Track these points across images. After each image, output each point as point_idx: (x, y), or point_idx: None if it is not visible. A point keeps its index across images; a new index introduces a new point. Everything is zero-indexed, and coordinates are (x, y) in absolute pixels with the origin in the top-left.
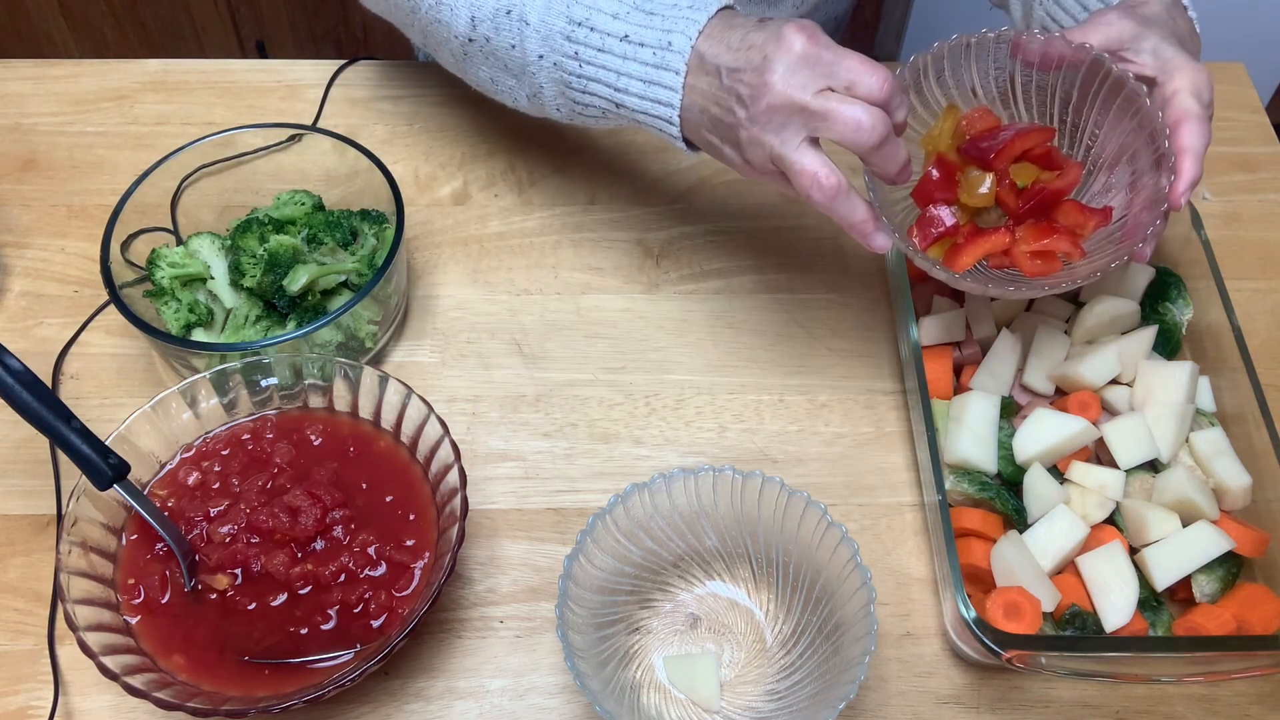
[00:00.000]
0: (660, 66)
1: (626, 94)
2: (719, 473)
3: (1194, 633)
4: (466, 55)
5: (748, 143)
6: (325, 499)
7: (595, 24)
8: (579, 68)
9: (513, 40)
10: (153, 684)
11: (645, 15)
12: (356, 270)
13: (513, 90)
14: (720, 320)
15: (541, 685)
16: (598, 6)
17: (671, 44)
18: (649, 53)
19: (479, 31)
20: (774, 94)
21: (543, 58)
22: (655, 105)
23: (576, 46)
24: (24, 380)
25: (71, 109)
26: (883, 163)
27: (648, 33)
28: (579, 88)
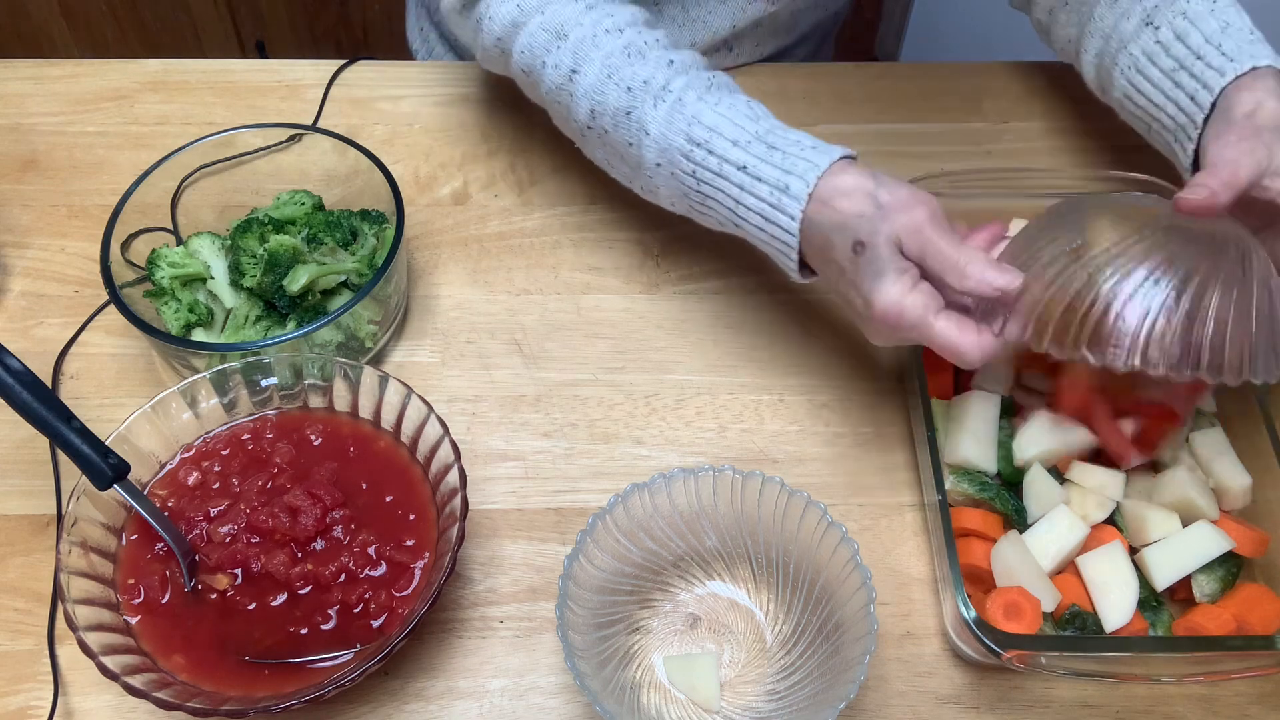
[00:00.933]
0: (776, 208)
1: (746, 222)
2: (719, 473)
3: (1194, 633)
4: (584, 138)
5: (866, 319)
6: (325, 499)
7: (714, 148)
8: (696, 185)
9: (630, 140)
10: (153, 684)
11: (765, 148)
12: (356, 270)
13: (626, 178)
14: (720, 320)
15: (541, 685)
16: (719, 130)
17: (789, 188)
18: (766, 189)
19: (598, 123)
20: (878, 335)
21: (660, 166)
22: (773, 240)
23: (694, 166)
24: (24, 380)
25: (71, 109)
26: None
27: (767, 169)
28: (697, 200)
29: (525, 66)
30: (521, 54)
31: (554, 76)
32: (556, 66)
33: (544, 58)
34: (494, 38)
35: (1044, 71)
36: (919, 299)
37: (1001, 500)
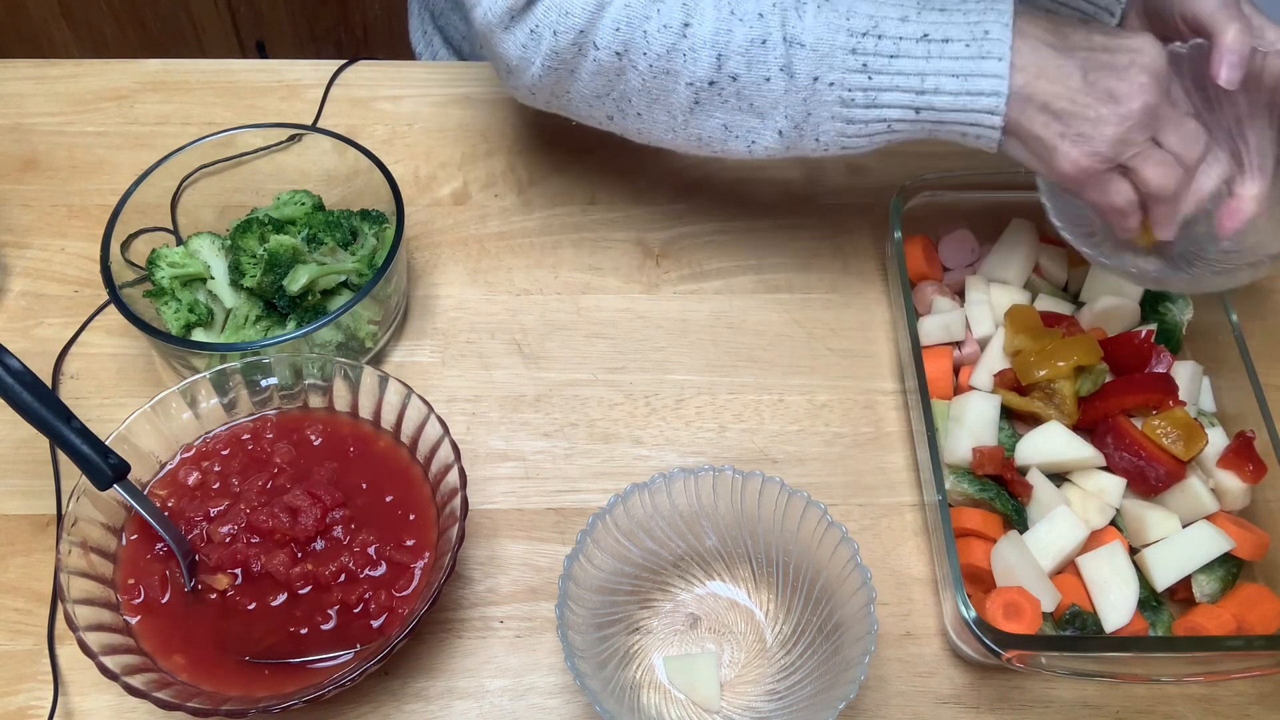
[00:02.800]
0: (980, 57)
1: (937, 94)
2: (719, 473)
3: (1194, 633)
4: (699, 103)
5: (1113, 139)
6: (325, 499)
7: (884, 31)
8: (868, 80)
9: (767, 73)
10: (153, 684)
11: (938, 13)
12: (356, 270)
13: (753, 132)
14: (720, 320)
15: (541, 685)
16: (882, 14)
17: (989, 33)
18: (960, 46)
19: (725, 71)
20: (1147, 96)
21: (819, 79)
22: (975, 99)
23: (864, 58)
24: (24, 380)
25: (71, 109)
26: (1164, 216)
27: (952, 28)
28: (865, 103)
29: (620, 46)
30: (616, 31)
31: (662, 39)
32: (665, 27)
33: (644, 26)
34: (574, 32)
35: None
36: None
37: (1001, 500)
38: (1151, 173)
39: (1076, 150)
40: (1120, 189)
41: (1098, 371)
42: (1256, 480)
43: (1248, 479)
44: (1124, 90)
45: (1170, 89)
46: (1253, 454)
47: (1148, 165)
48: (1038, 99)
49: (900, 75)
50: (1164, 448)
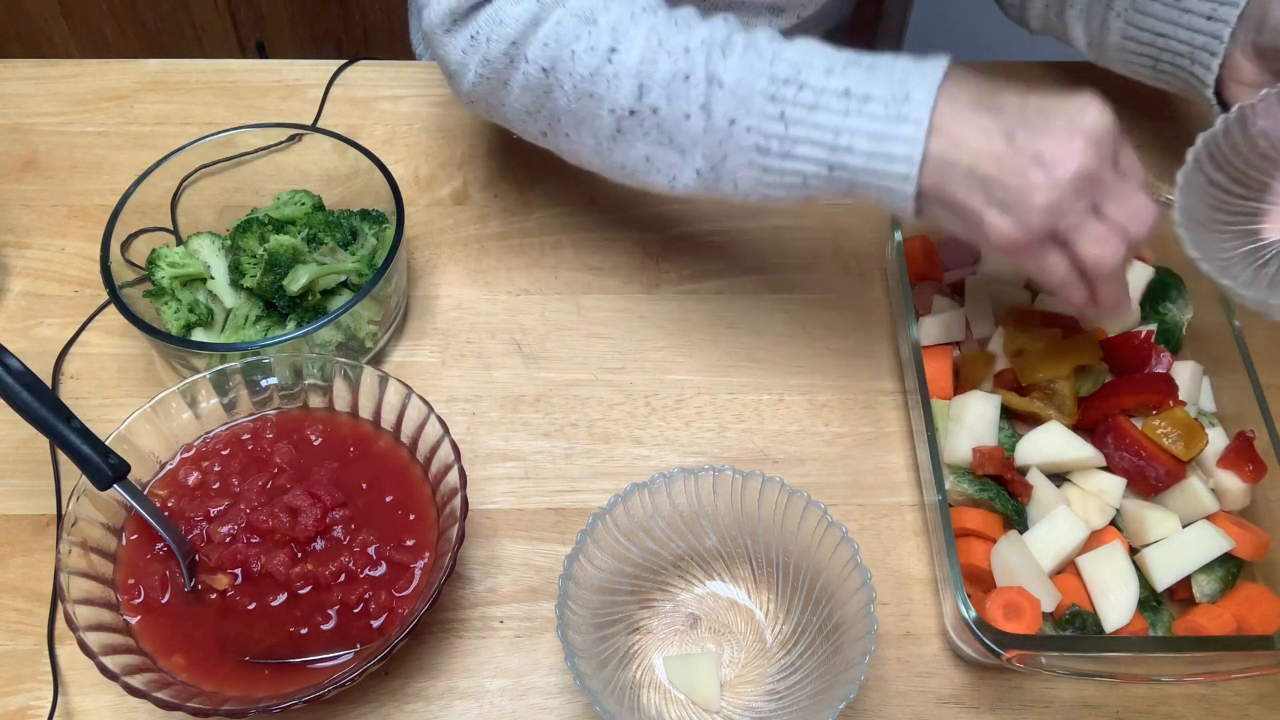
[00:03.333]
0: (897, 119)
1: (850, 152)
2: (719, 473)
3: (1194, 633)
4: (621, 131)
5: (1043, 208)
6: (325, 499)
7: (806, 81)
8: (784, 129)
9: (687, 109)
10: (153, 684)
11: (865, 70)
12: (356, 270)
13: (673, 168)
14: (720, 320)
15: (541, 685)
16: (807, 64)
17: (909, 95)
18: (879, 106)
19: (646, 102)
20: (1083, 161)
21: (735, 122)
22: (888, 162)
23: (782, 106)
24: (24, 380)
25: (71, 109)
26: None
27: (874, 86)
28: (779, 152)
29: (547, 62)
30: (545, 47)
31: (588, 61)
32: (592, 49)
33: (573, 45)
34: (506, 43)
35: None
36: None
37: (1001, 500)
38: (1087, 247)
39: (1004, 220)
40: (1055, 263)
41: (1098, 371)
42: (1256, 480)
43: (1248, 479)
44: (1055, 153)
45: (1118, 155)
46: (1253, 454)
47: (1083, 238)
48: (961, 164)
49: (816, 128)
50: (1164, 448)
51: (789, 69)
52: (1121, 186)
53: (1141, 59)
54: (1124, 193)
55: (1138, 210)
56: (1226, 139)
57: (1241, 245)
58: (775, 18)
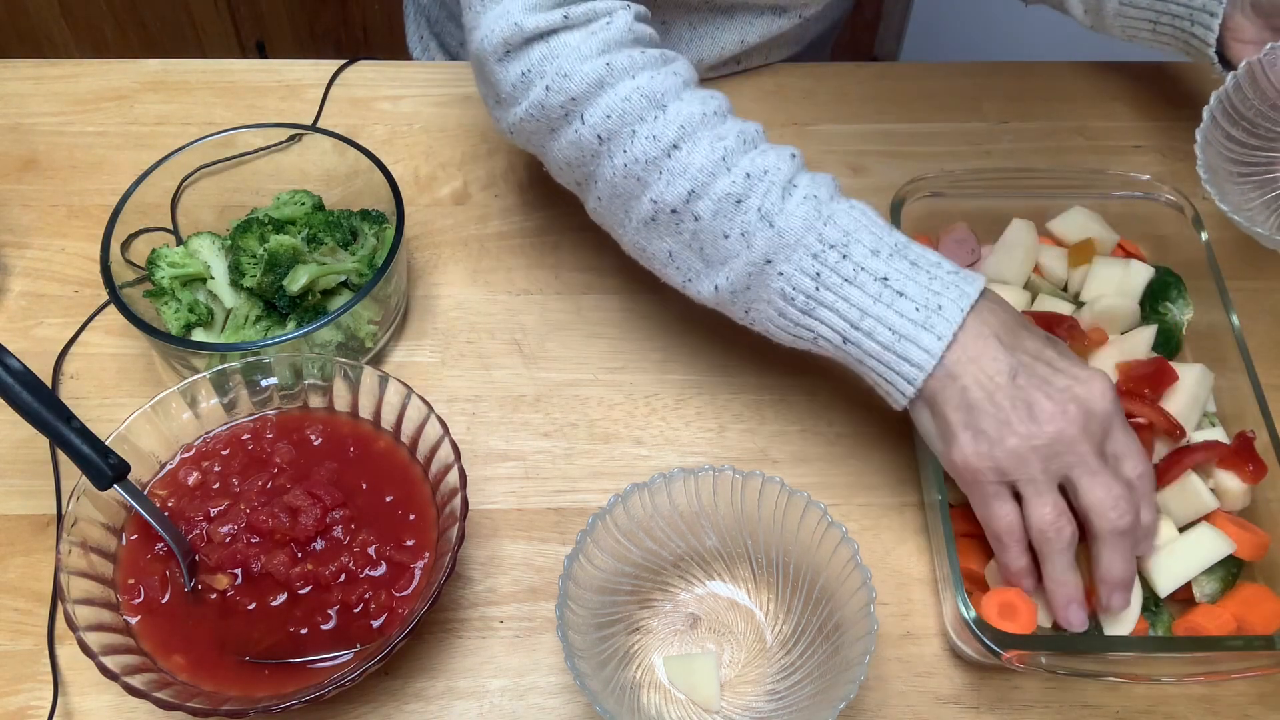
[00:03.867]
0: (923, 326)
1: (868, 337)
2: (719, 473)
3: (1194, 633)
4: (655, 222)
5: (1010, 453)
6: (325, 499)
7: (850, 253)
8: (814, 290)
9: (729, 230)
10: (153, 684)
11: (909, 265)
12: (356, 270)
13: (694, 273)
14: (720, 320)
15: (541, 685)
16: (857, 237)
17: (942, 308)
18: (911, 306)
19: (691, 208)
20: (1067, 428)
21: (771, 263)
22: (900, 361)
23: (821, 268)
24: (24, 380)
25: (71, 109)
26: (1107, 559)
27: (912, 286)
28: (803, 306)
29: (605, 132)
30: (606, 118)
31: (647, 148)
32: (654, 138)
33: (635, 126)
34: (566, 97)
35: (1044, 71)
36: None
37: None
38: (1038, 511)
39: (971, 445)
40: (1003, 510)
41: None
42: (1257, 480)
43: (1247, 479)
44: (1046, 409)
45: (1106, 438)
46: (1253, 454)
47: (1038, 499)
48: (960, 380)
49: (844, 302)
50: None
51: (839, 235)
52: (1101, 470)
53: (1140, 22)
54: (1103, 477)
55: (1113, 500)
56: (1238, 94)
57: (1262, 195)
58: (778, 17)
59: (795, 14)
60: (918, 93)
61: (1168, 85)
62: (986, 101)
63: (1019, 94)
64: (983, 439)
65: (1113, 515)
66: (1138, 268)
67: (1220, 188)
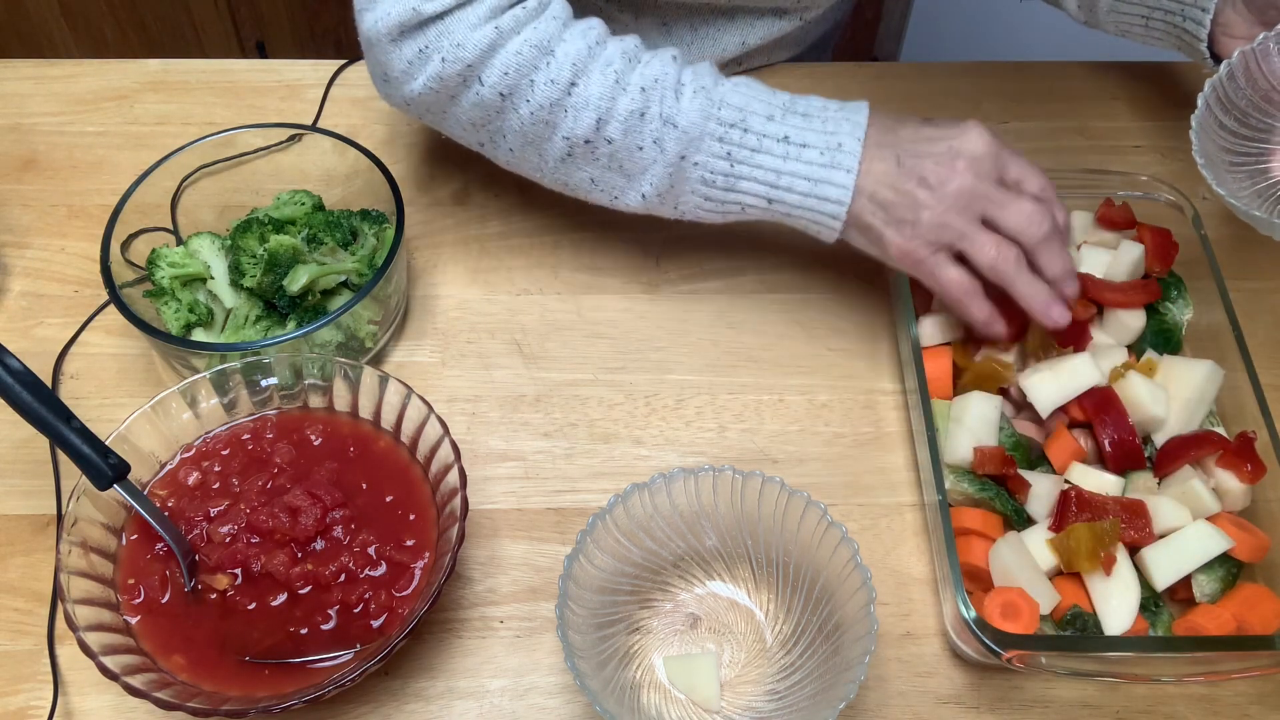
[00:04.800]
0: (831, 166)
1: (788, 191)
2: (719, 473)
3: (1194, 633)
4: (571, 156)
5: (930, 223)
6: (325, 499)
7: (750, 125)
8: (730, 167)
9: (641, 143)
10: (153, 684)
11: (800, 118)
12: (356, 270)
13: (618, 189)
14: (720, 320)
15: (541, 685)
16: (750, 109)
17: (841, 145)
18: (815, 153)
19: (602, 133)
20: (962, 179)
21: (685, 158)
22: (821, 203)
23: (729, 147)
24: (24, 380)
25: (71, 109)
26: (1047, 261)
27: (810, 135)
28: (724, 185)
29: (505, 88)
30: (504, 75)
31: (547, 93)
32: (552, 82)
33: (531, 75)
34: (463, 65)
35: (1044, 71)
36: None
37: (1001, 500)
38: (980, 252)
39: (900, 236)
40: (949, 274)
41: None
42: (1256, 480)
43: (1246, 479)
44: (937, 175)
45: (1005, 170)
46: (1252, 454)
47: (974, 245)
48: (866, 190)
49: (759, 169)
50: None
51: (735, 114)
52: (1008, 198)
53: (1133, 17)
54: (1011, 202)
55: (1028, 216)
56: (1231, 83)
57: (1254, 184)
58: (779, 19)
59: (796, 16)
60: (918, 93)
61: (1168, 85)
62: (986, 101)
63: (1019, 94)
64: (904, 226)
65: (1034, 228)
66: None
67: (1216, 174)
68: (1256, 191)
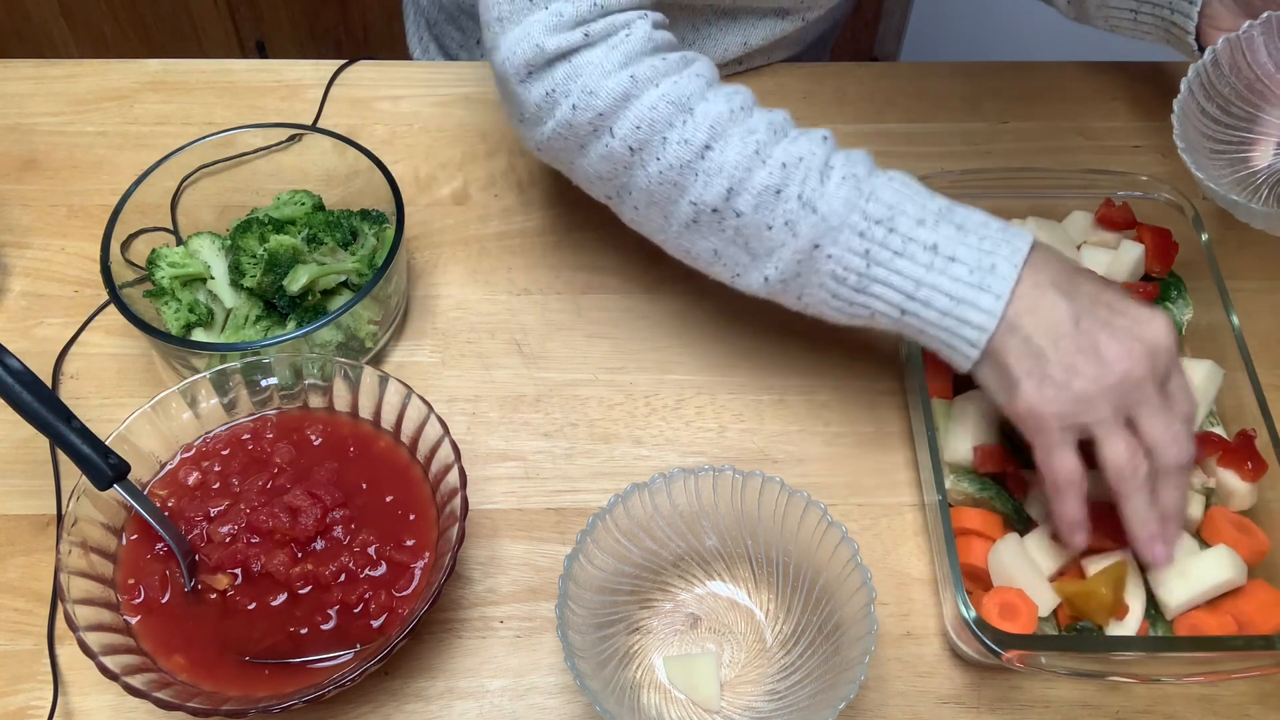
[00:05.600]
0: (980, 287)
1: (926, 306)
2: (719, 473)
3: (1194, 633)
4: (697, 223)
5: (1079, 396)
6: (325, 499)
7: (897, 226)
8: (865, 267)
9: (772, 222)
10: (153, 684)
11: (955, 230)
12: (356, 270)
13: (741, 267)
14: (720, 320)
15: (541, 685)
16: (901, 208)
17: (995, 267)
18: (964, 269)
19: (732, 205)
20: (1133, 367)
21: (819, 248)
22: (960, 325)
23: (869, 245)
24: (24, 380)
25: (71, 109)
26: (1168, 491)
27: (962, 249)
28: (855, 285)
29: (636, 143)
30: (636, 129)
31: (679, 153)
32: (685, 142)
33: (666, 133)
34: (594, 113)
35: (1043, 71)
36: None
37: (1001, 500)
38: (1112, 450)
39: (1038, 391)
40: (1067, 458)
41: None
42: (1255, 478)
43: (1247, 477)
44: (1112, 350)
45: (1169, 377)
46: (1252, 451)
47: (1110, 439)
48: (1022, 330)
49: (898, 275)
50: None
51: (883, 210)
52: (1165, 408)
53: (1122, 12)
54: (1165, 415)
55: (1174, 435)
56: (1215, 70)
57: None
58: (781, 20)
59: (798, 16)
60: (918, 93)
61: (1167, 85)
62: (986, 101)
63: (1019, 94)
64: (1049, 384)
65: (1175, 450)
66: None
67: (1196, 159)
68: (1236, 180)
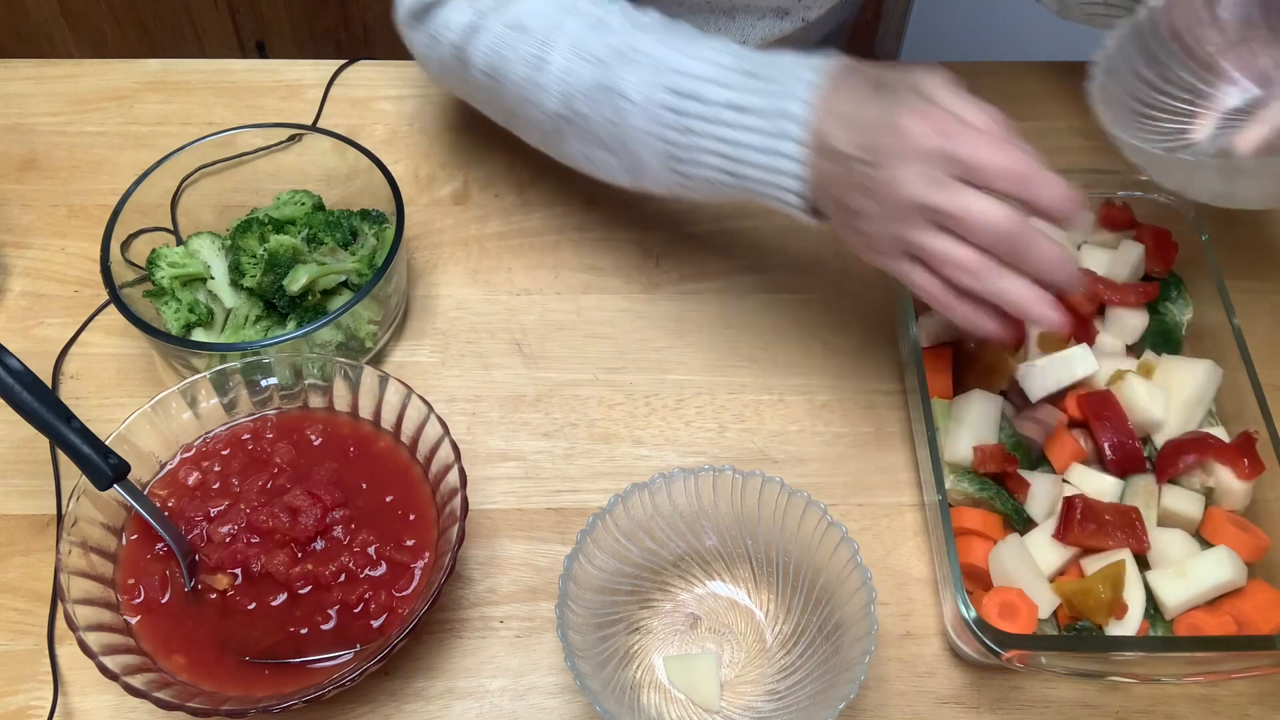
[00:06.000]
0: (778, 134)
1: (746, 164)
2: (719, 473)
3: (1194, 633)
4: (558, 131)
5: (877, 236)
6: (325, 499)
7: (701, 93)
8: (688, 139)
9: (611, 115)
10: (153, 684)
11: (751, 78)
12: (356, 270)
13: (608, 165)
14: (720, 320)
15: (541, 685)
16: (704, 74)
17: (785, 110)
18: (758, 119)
19: (573, 108)
20: (896, 193)
21: (649, 134)
22: (777, 175)
23: (684, 119)
24: (24, 380)
25: (71, 109)
26: (1024, 258)
27: (756, 99)
28: (688, 159)
29: (489, 68)
30: (486, 55)
31: (522, 70)
32: (524, 59)
33: (507, 53)
34: (453, 46)
35: (1044, 71)
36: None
37: (1001, 500)
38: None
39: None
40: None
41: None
42: (1253, 477)
43: (1243, 475)
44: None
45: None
46: (1250, 450)
47: (928, 253)
48: (826, 192)
49: (716, 140)
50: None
51: (688, 82)
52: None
53: (1097, 5)
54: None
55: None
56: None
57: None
58: (780, 20)
59: (798, 17)
60: None
61: None
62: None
63: (1019, 94)
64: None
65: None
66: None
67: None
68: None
